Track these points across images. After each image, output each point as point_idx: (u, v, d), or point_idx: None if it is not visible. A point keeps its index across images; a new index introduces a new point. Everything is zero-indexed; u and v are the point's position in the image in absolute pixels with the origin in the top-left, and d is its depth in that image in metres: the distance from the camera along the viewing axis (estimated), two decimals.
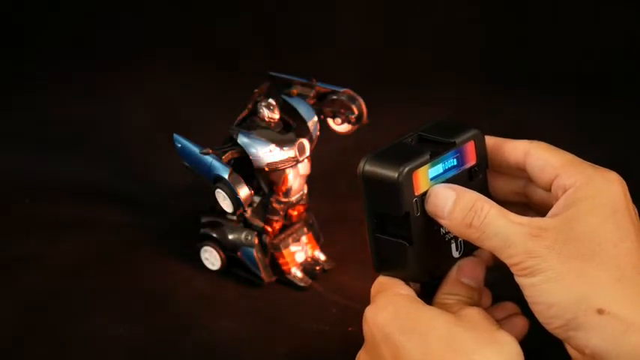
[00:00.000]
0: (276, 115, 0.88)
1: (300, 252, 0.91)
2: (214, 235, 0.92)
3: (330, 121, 0.91)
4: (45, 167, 1.10)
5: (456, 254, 0.70)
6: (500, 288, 0.74)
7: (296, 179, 0.88)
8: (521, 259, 0.64)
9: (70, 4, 1.28)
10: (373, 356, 0.67)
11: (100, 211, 1.02)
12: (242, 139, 0.87)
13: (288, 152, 0.87)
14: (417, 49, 1.25)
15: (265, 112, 0.88)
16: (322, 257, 0.92)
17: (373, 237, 0.69)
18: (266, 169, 0.87)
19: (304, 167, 0.88)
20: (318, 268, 0.91)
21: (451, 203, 0.67)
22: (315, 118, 0.89)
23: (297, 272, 0.90)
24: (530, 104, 1.18)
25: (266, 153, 0.86)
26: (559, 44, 1.22)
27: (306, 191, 0.90)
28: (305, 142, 0.88)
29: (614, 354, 0.62)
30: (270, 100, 0.88)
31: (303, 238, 0.92)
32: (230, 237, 0.91)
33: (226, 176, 0.84)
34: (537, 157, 0.69)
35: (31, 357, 0.83)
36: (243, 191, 0.84)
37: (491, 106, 1.16)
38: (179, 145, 0.88)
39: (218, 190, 0.85)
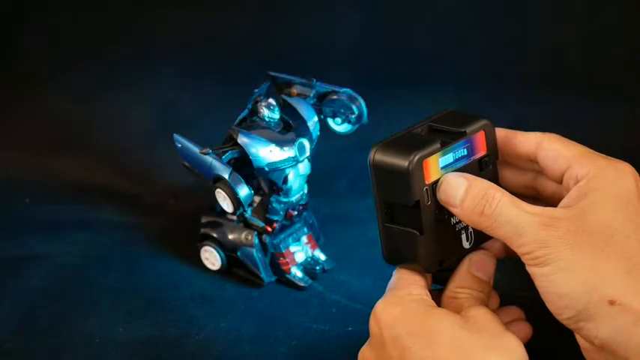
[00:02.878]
0: (276, 115, 0.88)
1: (300, 252, 0.91)
2: (214, 235, 0.92)
3: (330, 121, 0.90)
4: (45, 167, 1.10)
5: (466, 245, 0.70)
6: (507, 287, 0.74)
7: (296, 179, 0.88)
8: (532, 249, 0.64)
9: (71, 4, 1.28)
10: (379, 355, 0.67)
11: (100, 211, 1.02)
12: (242, 139, 0.87)
13: (288, 152, 0.87)
14: (417, 49, 1.25)
15: (265, 112, 0.88)
16: (322, 257, 0.92)
17: (383, 226, 0.69)
18: (266, 169, 0.87)
19: (304, 167, 0.88)
20: (318, 268, 0.91)
21: (463, 191, 0.67)
22: (315, 118, 0.89)
23: (297, 272, 0.90)
24: (531, 104, 1.17)
25: (266, 153, 0.86)
26: (559, 44, 1.22)
27: (306, 191, 0.90)
28: (305, 142, 0.88)
29: (624, 345, 0.62)
30: (270, 100, 0.88)
31: (303, 238, 0.92)
32: (230, 237, 0.91)
33: (226, 176, 0.84)
34: (549, 148, 0.69)
35: (31, 357, 0.83)
36: (243, 191, 0.84)
37: (491, 106, 1.15)
38: (179, 145, 0.88)
39: (218, 190, 0.85)
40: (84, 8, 1.29)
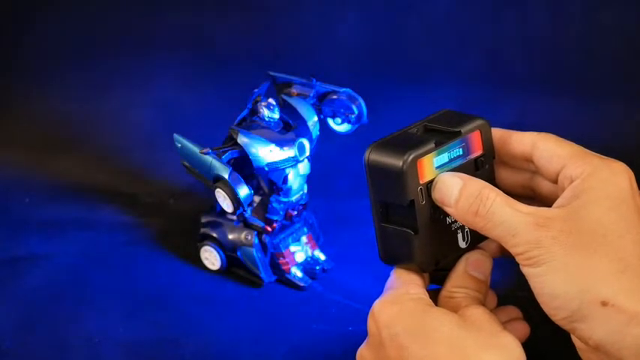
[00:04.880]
0: (276, 115, 0.88)
1: (300, 252, 0.91)
2: (214, 235, 0.92)
3: (330, 121, 0.91)
4: (45, 167, 1.10)
5: (462, 244, 0.70)
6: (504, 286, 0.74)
7: (296, 179, 0.88)
8: (526, 249, 0.64)
9: (71, 4, 1.28)
10: (377, 354, 0.67)
11: (100, 211, 1.02)
12: (242, 139, 0.87)
13: (288, 152, 0.87)
14: (417, 49, 1.25)
15: (265, 112, 0.88)
16: (322, 257, 0.92)
17: (379, 226, 0.69)
18: (266, 168, 0.87)
19: (304, 167, 0.88)
20: (317, 267, 0.91)
21: (457, 191, 0.67)
22: (315, 118, 0.89)
23: (297, 272, 0.90)
24: (530, 104, 1.18)
25: (266, 153, 0.86)
26: (559, 44, 1.22)
27: (306, 191, 0.90)
28: (305, 142, 0.88)
29: (618, 346, 0.62)
30: (270, 100, 0.88)
31: (303, 238, 0.92)
32: (230, 237, 0.91)
33: (226, 176, 0.84)
34: (544, 148, 0.69)
35: (31, 357, 0.83)
36: (243, 191, 0.85)
37: (491, 106, 1.16)
38: (179, 145, 0.88)
39: (218, 190, 0.85)
40: (84, 8, 1.29)
